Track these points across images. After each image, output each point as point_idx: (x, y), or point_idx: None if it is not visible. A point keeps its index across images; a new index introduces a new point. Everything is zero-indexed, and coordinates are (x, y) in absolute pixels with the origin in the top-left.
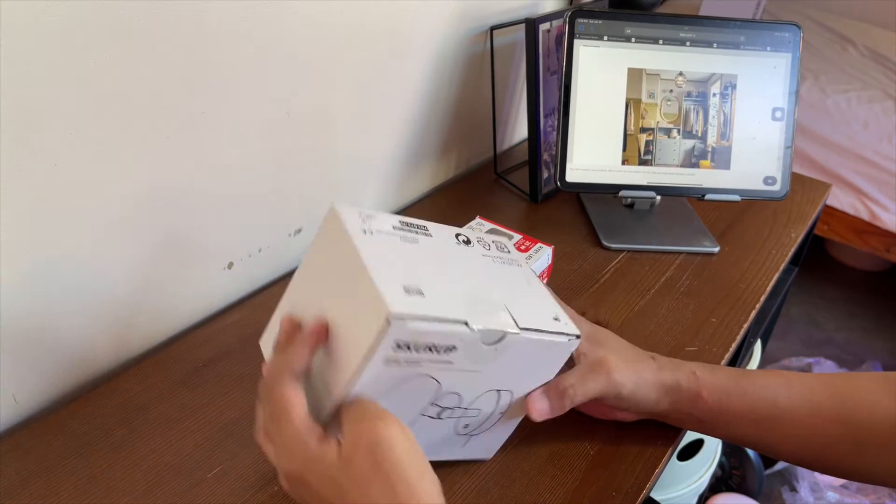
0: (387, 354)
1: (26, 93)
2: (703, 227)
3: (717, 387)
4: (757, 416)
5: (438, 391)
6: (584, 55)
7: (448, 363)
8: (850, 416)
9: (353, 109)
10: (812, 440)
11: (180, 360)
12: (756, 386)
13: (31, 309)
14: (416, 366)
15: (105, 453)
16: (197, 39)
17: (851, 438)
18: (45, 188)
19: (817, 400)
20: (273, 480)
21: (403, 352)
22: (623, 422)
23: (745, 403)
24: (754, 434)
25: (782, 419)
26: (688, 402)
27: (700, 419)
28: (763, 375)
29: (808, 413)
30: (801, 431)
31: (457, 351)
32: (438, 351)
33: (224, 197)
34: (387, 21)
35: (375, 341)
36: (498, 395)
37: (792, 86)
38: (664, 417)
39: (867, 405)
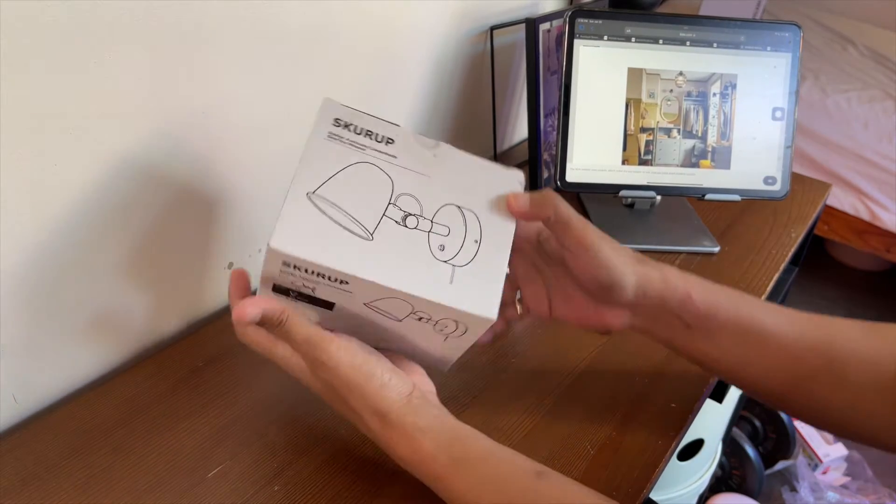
0: (328, 129)
1: (26, 92)
2: (703, 226)
3: (708, 291)
4: (744, 331)
5: (393, 189)
6: (584, 55)
7: (392, 157)
8: (833, 350)
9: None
10: (794, 367)
11: (180, 360)
12: (744, 301)
13: (30, 309)
14: (361, 150)
15: (105, 453)
16: (197, 39)
17: (832, 372)
18: (45, 188)
19: (802, 329)
20: (273, 480)
21: (343, 129)
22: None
23: (733, 315)
24: (737, 353)
25: (768, 339)
26: (677, 301)
27: (687, 324)
28: (751, 298)
29: (793, 338)
30: (784, 355)
31: (395, 144)
32: (378, 139)
33: (224, 197)
34: (387, 21)
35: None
36: (461, 213)
37: (792, 86)
38: (650, 322)
39: (849, 342)
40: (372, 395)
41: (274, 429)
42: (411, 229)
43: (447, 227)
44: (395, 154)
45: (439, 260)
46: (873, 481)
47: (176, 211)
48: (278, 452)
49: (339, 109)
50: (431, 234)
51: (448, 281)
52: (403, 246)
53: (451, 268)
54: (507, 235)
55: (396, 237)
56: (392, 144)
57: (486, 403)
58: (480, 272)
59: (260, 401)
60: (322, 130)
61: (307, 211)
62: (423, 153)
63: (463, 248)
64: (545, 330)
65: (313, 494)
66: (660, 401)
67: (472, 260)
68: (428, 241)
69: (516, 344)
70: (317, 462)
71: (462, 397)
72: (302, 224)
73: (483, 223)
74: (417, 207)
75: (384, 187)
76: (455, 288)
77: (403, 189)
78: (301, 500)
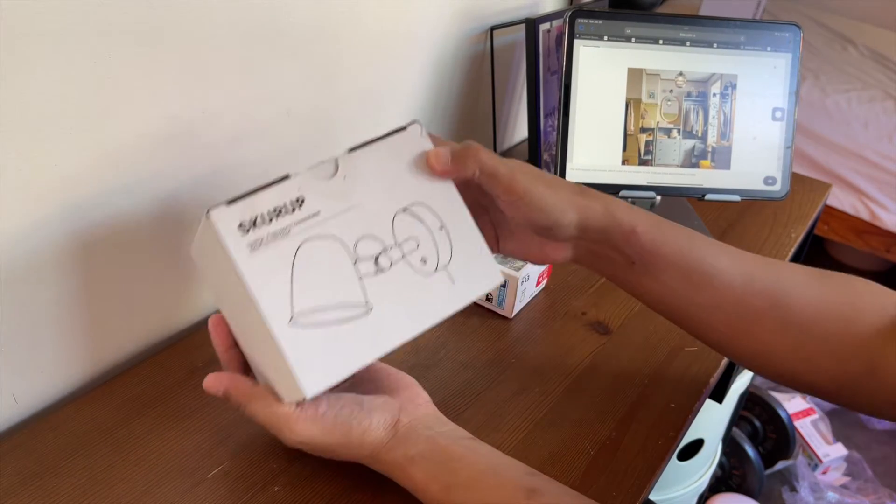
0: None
1: (26, 92)
2: (703, 227)
3: (655, 227)
4: (690, 269)
5: (345, 246)
6: (584, 55)
7: (314, 216)
8: (779, 294)
9: (353, 109)
10: (740, 310)
11: (180, 360)
12: (692, 239)
13: (30, 309)
14: (287, 236)
15: (105, 453)
16: (197, 40)
17: (777, 317)
18: (44, 188)
19: (750, 270)
20: (273, 481)
21: (253, 229)
22: None
23: (680, 252)
24: (682, 291)
25: (714, 279)
26: (621, 236)
27: (631, 260)
28: (701, 236)
29: (740, 279)
30: (731, 297)
31: (307, 200)
32: (290, 209)
33: (223, 196)
34: (387, 21)
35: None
36: (412, 216)
37: (792, 86)
38: (592, 257)
39: (796, 287)
40: (356, 445)
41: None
42: (390, 268)
43: (413, 239)
44: (315, 210)
45: (430, 273)
46: (873, 481)
47: (174, 211)
48: (279, 453)
49: (232, 212)
50: (406, 257)
51: (451, 284)
52: (397, 288)
53: (444, 272)
54: (455, 197)
55: (386, 286)
56: (305, 203)
57: (487, 404)
58: (465, 253)
59: None
60: (239, 248)
61: (302, 338)
62: (334, 186)
63: (438, 245)
64: (545, 330)
65: (314, 495)
66: (660, 401)
67: (452, 249)
68: (410, 266)
69: (516, 344)
70: (317, 463)
71: (462, 398)
72: (310, 353)
73: (433, 205)
74: (378, 244)
75: (338, 252)
76: (460, 285)
77: (353, 238)
78: (301, 500)
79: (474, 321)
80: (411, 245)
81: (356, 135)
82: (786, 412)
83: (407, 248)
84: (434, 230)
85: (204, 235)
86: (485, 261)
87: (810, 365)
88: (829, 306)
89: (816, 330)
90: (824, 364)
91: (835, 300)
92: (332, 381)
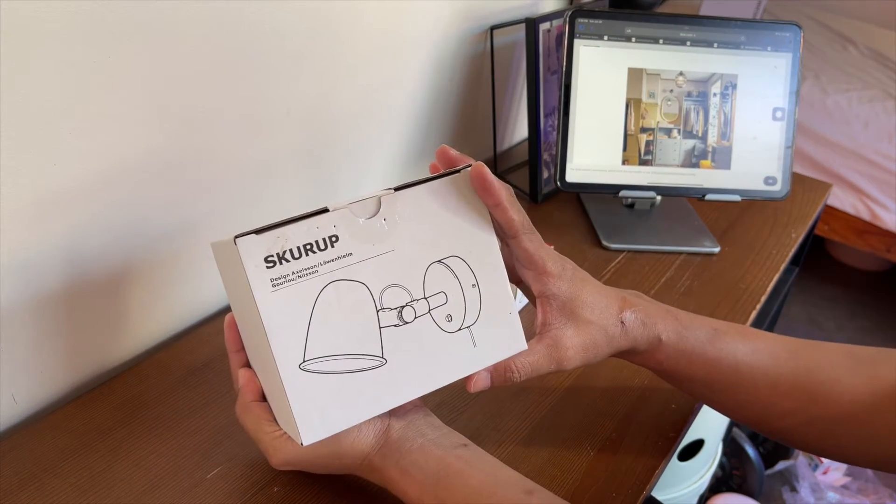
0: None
1: (26, 91)
2: (703, 227)
3: (680, 353)
4: (713, 381)
5: (372, 294)
6: (584, 55)
7: (348, 257)
8: (809, 392)
9: (353, 109)
10: (766, 409)
11: (180, 361)
12: (721, 352)
13: (30, 309)
14: (314, 275)
15: (105, 453)
16: (196, 39)
17: (805, 412)
18: (44, 188)
19: (779, 372)
20: (272, 481)
21: (280, 265)
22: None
23: (705, 370)
24: (706, 395)
25: (739, 386)
26: (644, 362)
27: (654, 370)
28: (731, 337)
29: (767, 385)
30: (757, 400)
31: (341, 239)
32: (322, 247)
33: (223, 197)
34: (387, 21)
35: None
36: (447, 268)
37: (792, 86)
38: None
39: (829, 381)
40: (347, 455)
41: None
42: (413, 321)
43: (443, 294)
44: (347, 251)
45: (454, 332)
46: (873, 481)
47: (174, 211)
48: None
49: (260, 243)
50: (433, 311)
51: (472, 345)
52: (416, 345)
53: (467, 332)
54: (495, 254)
55: (406, 341)
56: (338, 242)
57: (486, 405)
58: (493, 314)
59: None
60: (261, 283)
61: (309, 384)
62: (372, 228)
63: (467, 303)
64: None
65: (313, 495)
66: (660, 401)
67: (481, 308)
68: (434, 322)
69: None
70: None
71: (462, 398)
72: (314, 401)
73: (470, 261)
74: (405, 295)
75: (363, 298)
76: (481, 347)
77: (381, 285)
78: (301, 501)
79: None
80: (440, 299)
81: (356, 135)
82: None
83: (434, 302)
84: (466, 287)
85: (228, 252)
86: (511, 326)
87: (841, 450)
88: (859, 396)
89: (847, 423)
90: (856, 450)
91: (872, 391)
92: (331, 431)
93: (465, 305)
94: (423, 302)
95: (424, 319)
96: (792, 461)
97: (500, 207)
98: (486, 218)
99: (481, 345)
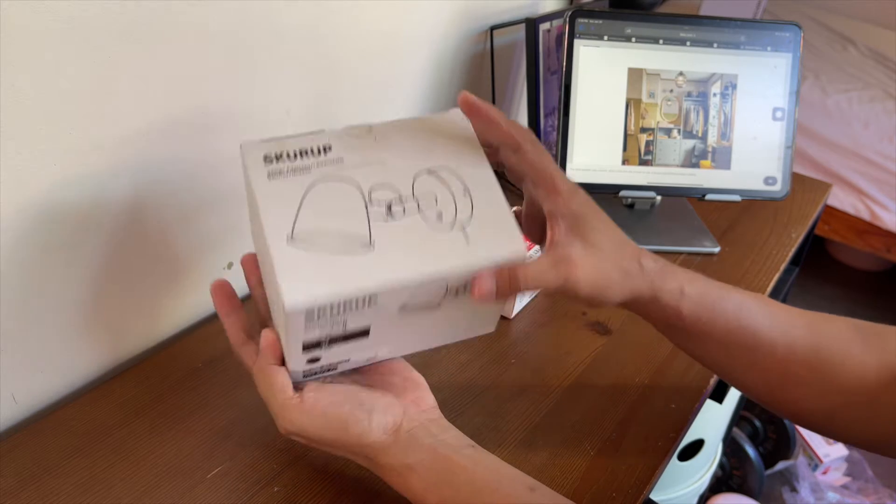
0: (264, 170)
1: (26, 91)
2: (703, 227)
3: (702, 305)
4: (732, 341)
5: (361, 190)
6: (584, 55)
7: (338, 161)
8: (824, 361)
9: (353, 109)
10: (780, 374)
11: (180, 361)
12: (740, 309)
13: (30, 309)
14: (307, 172)
15: (105, 453)
16: (196, 39)
17: (819, 383)
18: (46, 186)
19: (795, 340)
20: (272, 481)
21: (276, 162)
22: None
23: (725, 327)
24: (723, 358)
25: (757, 349)
26: (662, 313)
27: (673, 327)
28: (749, 299)
29: (783, 349)
30: (772, 365)
31: (334, 149)
32: (315, 152)
33: (224, 197)
34: (387, 21)
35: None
36: (435, 176)
37: (792, 86)
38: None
39: (840, 352)
40: (353, 444)
41: (274, 429)
42: (403, 216)
43: (433, 195)
44: (339, 157)
45: (445, 229)
46: (873, 481)
47: (174, 211)
48: (278, 453)
49: (261, 146)
50: (422, 210)
51: (465, 243)
52: (406, 236)
53: (460, 230)
54: (486, 169)
55: (394, 232)
56: (331, 151)
57: (487, 404)
58: (487, 217)
59: (259, 401)
60: (258, 175)
61: (297, 255)
62: (364, 143)
63: (458, 205)
64: (545, 330)
65: (313, 496)
66: (660, 401)
67: (473, 211)
68: (424, 219)
69: (516, 344)
70: (317, 463)
71: (462, 398)
72: (301, 269)
73: (460, 173)
74: (395, 193)
75: (352, 194)
76: (475, 245)
77: (370, 184)
78: (301, 501)
79: None
80: (429, 200)
81: None
82: None
83: (424, 203)
84: (457, 193)
85: (243, 171)
86: (507, 228)
87: (850, 425)
88: (876, 372)
89: (856, 397)
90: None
91: (883, 365)
92: (316, 300)
93: (455, 207)
94: (412, 202)
95: (414, 217)
96: (792, 461)
97: (493, 124)
98: (478, 148)
99: (475, 243)
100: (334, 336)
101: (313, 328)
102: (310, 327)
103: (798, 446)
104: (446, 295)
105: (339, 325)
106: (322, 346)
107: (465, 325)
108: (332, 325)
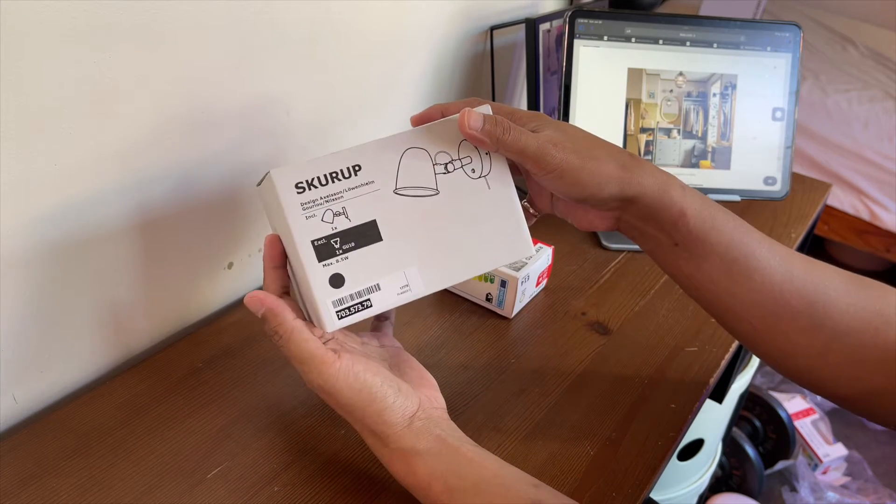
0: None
1: (26, 91)
2: None
3: (704, 210)
4: (732, 260)
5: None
6: (584, 55)
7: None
8: (819, 293)
9: (353, 109)
10: (776, 306)
11: (180, 361)
12: (739, 229)
13: (30, 309)
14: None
15: (105, 453)
16: (196, 39)
17: (813, 318)
18: (43, 187)
19: (791, 268)
20: (272, 481)
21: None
22: None
23: (726, 243)
24: (722, 282)
25: (755, 273)
26: (668, 217)
27: (674, 241)
28: (743, 223)
29: (780, 277)
30: (769, 292)
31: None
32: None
33: (224, 197)
34: (386, 21)
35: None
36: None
37: (792, 86)
38: (635, 231)
39: (836, 290)
40: (371, 418)
41: (274, 429)
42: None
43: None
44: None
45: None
46: (873, 481)
47: (175, 211)
48: (278, 453)
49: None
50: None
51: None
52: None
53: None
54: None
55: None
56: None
57: (487, 404)
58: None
59: (259, 401)
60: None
61: None
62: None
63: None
64: (545, 330)
65: (313, 495)
66: (660, 401)
67: None
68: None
69: (516, 344)
70: (317, 463)
71: (462, 398)
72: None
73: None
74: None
75: None
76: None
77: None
78: (301, 500)
79: (474, 321)
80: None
81: (356, 135)
82: (786, 412)
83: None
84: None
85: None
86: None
87: (836, 371)
88: (862, 316)
89: (847, 338)
90: (850, 373)
91: (869, 310)
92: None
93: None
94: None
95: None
96: (792, 461)
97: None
98: None
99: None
100: (342, 231)
101: (310, 210)
102: (306, 208)
103: (798, 446)
104: (437, 173)
105: (337, 209)
106: (336, 250)
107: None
108: (330, 209)
